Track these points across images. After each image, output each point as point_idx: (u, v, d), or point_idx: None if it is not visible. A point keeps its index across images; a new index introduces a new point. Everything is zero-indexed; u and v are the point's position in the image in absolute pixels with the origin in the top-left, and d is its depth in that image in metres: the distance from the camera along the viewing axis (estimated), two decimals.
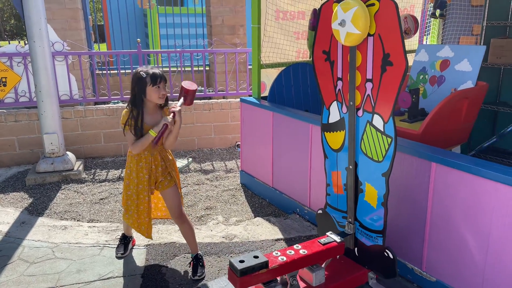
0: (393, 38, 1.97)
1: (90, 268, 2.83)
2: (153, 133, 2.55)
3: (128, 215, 2.76)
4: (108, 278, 2.72)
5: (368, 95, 2.15)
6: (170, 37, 8.00)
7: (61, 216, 3.68)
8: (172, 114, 2.61)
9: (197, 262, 2.76)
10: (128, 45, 7.73)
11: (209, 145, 5.70)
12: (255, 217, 3.65)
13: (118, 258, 2.96)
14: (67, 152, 4.76)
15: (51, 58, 4.50)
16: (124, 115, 2.60)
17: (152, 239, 2.85)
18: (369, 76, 2.12)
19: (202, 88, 6.08)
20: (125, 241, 3.03)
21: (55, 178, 4.47)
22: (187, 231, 2.77)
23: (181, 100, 2.72)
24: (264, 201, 3.96)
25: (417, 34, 5.27)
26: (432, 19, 5.56)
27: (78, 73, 5.50)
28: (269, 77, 4.36)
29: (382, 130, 2.11)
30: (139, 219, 2.74)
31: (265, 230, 3.37)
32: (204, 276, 2.73)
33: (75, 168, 4.65)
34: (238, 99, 4.97)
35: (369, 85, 2.13)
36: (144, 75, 2.51)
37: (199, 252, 2.83)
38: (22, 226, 3.46)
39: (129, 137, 2.60)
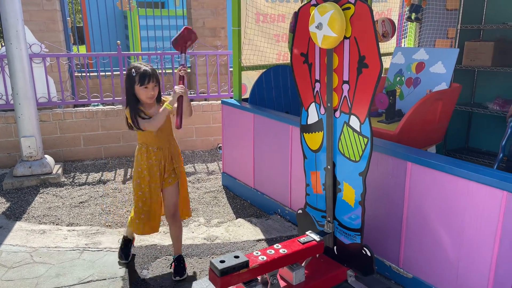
0: (368, 41, 2.02)
1: (69, 272, 2.80)
2: (169, 106, 2.54)
3: (139, 220, 2.68)
4: (88, 282, 2.70)
5: (345, 96, 2.20)
6: (151, 39, 7.96)
7: (40, 220, 3.63)
8: (180, 80, 2.63)
9: (179, 263, 2.76)
10: (108, 47, 7.66)
11: (191, 147, 5.69)
12: (236, 218, 3.67)
13: (123, 264, 2.91)
14: (46, 156, 4.69)
15: (29, 60, 4.44)
16: (127, 114, 2.59)
17: (158, 231, 2.82)
18: (345, 78, 2.17)
19: None
20: (128, 246, 2.95)
21: (33, 182, 4.40)
22: (177, 231, 2.78)
23: (183, 55, 2.70)
24: (245, 202, 3.99)
25: (395, 37, 5.39)
26: (409, 23, 5.68)
27: (56, 76, 5.43)
28: (250, 79, 4.40)
29: (359, 130, 2.17)
30: (150, 220, 2.70)
31: (246, 231, 3.39)
32: (186, 277, 2.73)
33: (54, 172, 4.59)
34: (220, 101, 4.99)
35: (345, 87, 2.18)
36: (134, 74, 2.50)
37: (181, 253, 2.84)
38: None
39: (142, 123, 2.55)
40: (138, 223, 2.70)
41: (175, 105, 2.59)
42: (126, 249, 2.94)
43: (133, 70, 2.53)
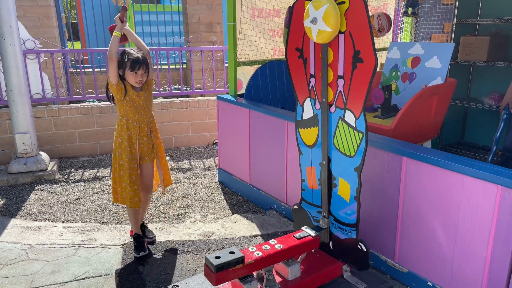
0: (363, 36, 2.01)
1: (65, 269, 2.79)
2: (117, 34, 2.70)
3: (121, 188, 2.82)
4: (84, 278, 2.69)
5: (340, 91, 2.19)
6: (146, 35, 7.91)
7: (35, 217, 3.62)
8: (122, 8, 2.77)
9: (145, 227, 3.11)
10: (103, 42, 7.61)
11: (187, 143, 5.68)
12: (232, 214, 3.67)
13: (139, 257, 2.93)
14: (41, 152, 4.67)
15: (22, 56, 4.40)
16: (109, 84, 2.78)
17: (139, 208, 2.89)
18: (340, 73, 2.16)
19: (179, 86, 6.05)
20: (141, 241, 2.96)
21: (28, 179, 4.38)
22: (147, 203, 3.09)
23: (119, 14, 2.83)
24: (241, 198, 3.99)
25: (391, 32, 5.38)
26: (405, 17, 5.67)
27: (51, 72, 5.40)
28: (245, 74, 4.38)
29: (354, 125, 2.16)
30: (132, 190, 2.81)
31: (242, 227, 3.39)
32: (155, 239, 3.10)
33: (49, 168, 4.56)
34: (215, 97, 4.97)
35: (340, 82, 2.17)
36: (126, 59, 2.67)
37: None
38: None
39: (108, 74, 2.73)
40: (120, 191, 2.83)
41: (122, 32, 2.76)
42: (139, 243, 2.95)
43: (125, 55, 2.68)
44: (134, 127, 2.81)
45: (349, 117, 2.18)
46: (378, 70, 4.23)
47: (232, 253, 2.04)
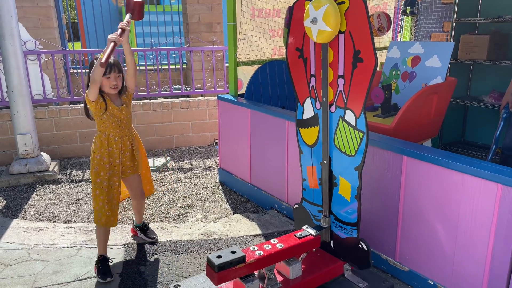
0: (363, 35, 2.02)
1: (67, 269, 2.81)
2: (101, 55, 2.42)
3: (98, 207, 2.69)
4: (85, 279, 2.71)
5: (340, 91, 2.20)
6: (146, 35, 7.93)
7: (37, 218, 3.63)
8: (119, 30, 2.57)
9: (147, 227, 3.14)
10: (103, 43, 7.62)
11: (187, 143, 5.69)
12: (234, 213, 3.68)
13: (105, 283, 2.65)
14: (42, 153, 4.68)
15: (23, 57, 4.41)
16: (86, 101, 2.66)
17: (116, 225, 2.84)
18: (340, 72, 2.17)
19: (180, 86, 6.06)
20: (106, 264, 2.72)
21: (30, 180, 4.39)
22: (143, 206, 3.10)
23: (128, 15, 2.68)
24: (242, 198, 4.00)
25: (391, 31, 5.39)
26: (405, 17, 5.68)
27: (51, 72, 5.41)
28: (245, 74, 4.39)
29: (354, 125, 2.17)
30: (109, 210, 2.69)
31: (244, 226, 3.40)
32: (157, 239, 3.13)
33: (50, 169, 4.58)
34: (216, 97, 4.98)
35: (341, 81, 2.18)
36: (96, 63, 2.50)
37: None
38: None
39: (87, 92, 2.58)
40: (97, 211, 2.70)
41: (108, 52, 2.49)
42: (104, 266, 2.70)
43: (94, 60, 2.53)
44: (116, 142, 2.71)
45: (350, 116, 2.18)
46: (378, 69, 4.24)
47: (233, 252, 2.04)
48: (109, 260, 2.77)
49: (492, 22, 4.21)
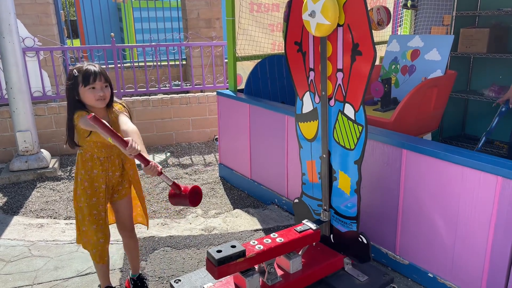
0: (361, 28, 2.01)
1: (68, 265, 2.81)
2: (109, 138, 1.88)
3: (81, 233, 2.28)
4: (86, 274, 2.71)
5: (339, 84, 2.19)
6: (145, 31, 7.91)
7: (37, 214, 3.63)
8: (145, 155, 1.91)
9: (142, 284, 2.51)
10: (103, 40, 7.61)
11: (187, 139, 5.69)
12: (234, 209, 3.68)
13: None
14: (42, 150, 4.68)
15: (22, 54, 4.41)
16: (76, 116, 2.09)
17: (105, 263, 2.33)
18: (339, 66, 2.16)
19: (179, 83, 6.05)
20: None
21: (30, 176, 4.40)
22: (136, 246, 2.48)
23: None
24: (243, 193, 4.00)
25: (390, 25, 5.36)
26: (405, 10, 5.65)
27: (50, 69, 5.39)
28: (245, 69, 4.38)
29: (353, 118, 2.16)
30: (95, 242, 2.25)
31: (244, 222, 3.40)
32: None
33: (51, 166, 4.58)
34: (215, 93, 4.97)
35: (340, 75, 2.18)
36: (75, 73, 2.06)
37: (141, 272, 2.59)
38: None
39: (84, 121, 2.01)
40: (80, 235, 2.30)
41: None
42: None
43: (74, 70, 2.08)
44: (102, 163, 2.19)
45: (349, 110, 2.18)
46: (377, 63, 4.23)
47: (233, 247, 2.05)
48: None
49: (492, 15, 4.19)
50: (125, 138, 1.86)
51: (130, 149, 1.82)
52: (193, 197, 2.08)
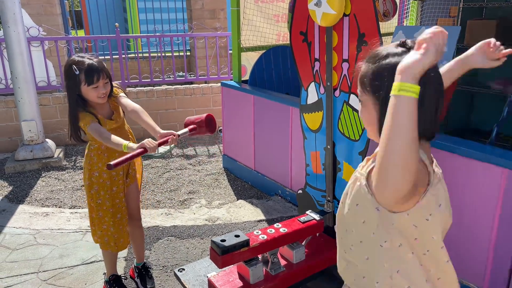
0: (368, 18, 1.99)
1: (73, 253, 2.84)
2: (124, 148, 1.96)
3: (102, 231, 2.25)
4: (91, 262, 2.74)
5: (345, 75, 2.18)
6: (150, 22, 7.89)
7: (42, 203, 3.66)
8: (162, 139, 2.02)
9: (147, 272, 2.53)
10: (107, 30, 7.59)
11: None
12: (237, 199, 3.69)
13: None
14: (47, 140, 4.70)
15: (27, 44, 4.41)
16: (81, 117, 2.13)
17: (126, 248, 2.39)
18: (345, 56, 2.15)
19: (183, 73, 6.04)
20: (122, 284, 2.44)
21: (35, 166, 4.42)
22: (142, 235, 2.49)
23: (185, 130, 2.16)
24: (246, 184, 4.00)
25: (396, 16, 5.31)
26: (411, 1, 5.60)
27: (55, 59, 5.40)
28: (249, 60, 4.37)
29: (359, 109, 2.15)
30: (117, 232, 2.26)
31: (247, 212, 3.41)
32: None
33: (55, 155, 4.60)
34: (220, 84, 4.96)
35: (345, 65, 2.16)
36: (77, 72, 2.02)
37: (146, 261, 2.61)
38: (2, 214, 3.43)
39: (94, 129, 2.06)
40: (101, 234, 2.27)
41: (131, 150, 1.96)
42: (120, 286, 2.42)
43: (74, 67, 2.01)
44: (119, 154, 2.12)
45: (354, 100, 2.17)
46: None
47: (237, 236, 2.05)
48: (123, 277, 2.47)
49: (500, 6, 4.14)
50: (139, 148, 1.91)
51: (151, 149, 1.92)
52: (209, 124, 2.21)
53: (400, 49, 1.08)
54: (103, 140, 2.05)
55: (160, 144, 1.99)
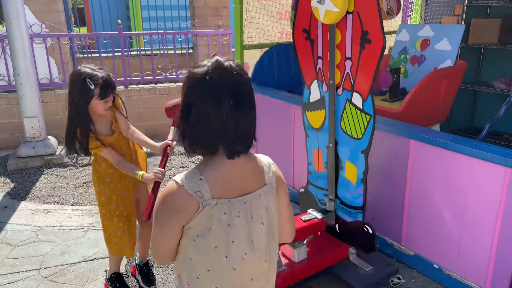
0: (371, 16, 1.98)
1: (74, 250, 2.84)
2: (139, 177, 2.11)
3: (117, 239, 2.24)
4: (93, 259, 2.74)
5: (348, 73, 2.17)
6: (152, 19, 7.87)
7: (44, 200, 3.66)
8: (164, 159, 2.13)
9: (149, 270, 2.51)
10: (110, 27, 7.57)
11: None
12: None
13: None
14: (49, 136, 4.70)
15: (29, 40, 4.40)
16: (93, 149, 2.15)
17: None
18: (348, 54, 2.14)
19: (186, 71, 6.02)
20: (124, 282, 2.41)
21: (37, 163, 4.42)
22: (150, 234, 2.50)
23: (172, 130, 2.20)
24: None
25: (400, 14, 5.28)
26: None
27: (58, 56, 5.39)
28: (252, 58, 4.34)
29: (361, 107, 2.14)
30: (132, 237, 2.27)
31: None
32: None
33: (57, 152, 4.60)
34: None
35: (348, 63, 2.15)
36: (92, 87, 2.00)
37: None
38: (4, 211, 3.43)
39: (108, 155, 2.14)
40: (117, 242, 2.26)
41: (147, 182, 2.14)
42: (122, 285, 2.39)
43: (88, 80, 2.00)
44: (125, 153, 2.25)
45: (357, 99, 2.16)
46: (386, 53, 4.17)
47: None
48: (124, 275, 2.45)
49: (504, 5, 4.11)
50: (152, 181, 2.11)
51: (162, 179, 2.14)
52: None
53: None
54: (118, 166, 2.16)
55: (165, 165, 2.13)
